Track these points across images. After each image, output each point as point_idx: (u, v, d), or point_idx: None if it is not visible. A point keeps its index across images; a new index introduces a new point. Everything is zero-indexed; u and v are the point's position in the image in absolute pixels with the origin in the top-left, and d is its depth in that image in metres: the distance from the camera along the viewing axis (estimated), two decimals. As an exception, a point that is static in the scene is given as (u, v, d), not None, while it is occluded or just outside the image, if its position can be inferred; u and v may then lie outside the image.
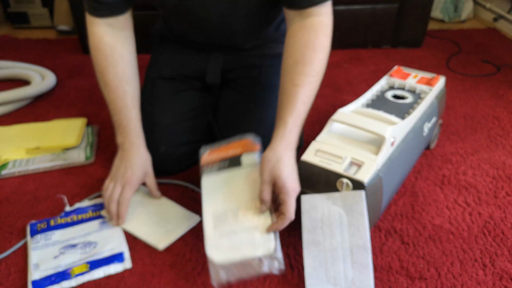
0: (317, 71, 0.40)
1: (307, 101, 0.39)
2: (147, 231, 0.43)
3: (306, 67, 0.39)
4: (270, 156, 0.37)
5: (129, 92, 0.45)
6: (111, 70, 0.44)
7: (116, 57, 0.44)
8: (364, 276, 0.35)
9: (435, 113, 0.52)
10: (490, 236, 0.44)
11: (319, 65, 0.40)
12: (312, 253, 0.36)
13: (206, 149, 0.44)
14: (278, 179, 0.35)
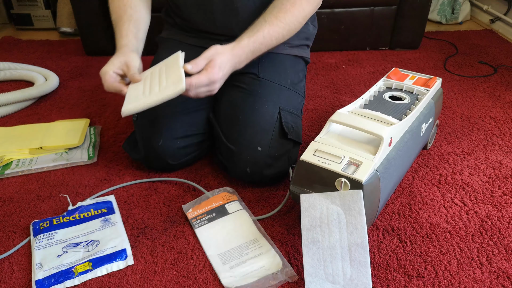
0: (287, 21, 0.45)
1: (267, 38, 0.44)
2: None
3: (280, 13, 0.45)
4: (217, 46, 0.43)
5: (129, 12, 0.47)
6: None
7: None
8: (362, 274, 0.35)
9: (432, 113, 0.53)
10: (487, 235, 0.44)
11: (292, 17, 0.45)
12: (311, 251, 0.37)
13: (188, 207, 0.47)
14: (214, 56, 0.42)
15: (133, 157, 0.56)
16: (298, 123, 0.53)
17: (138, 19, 0.48)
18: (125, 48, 0.45)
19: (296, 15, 0.45)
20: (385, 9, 0.92)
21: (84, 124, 0.66)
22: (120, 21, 0.47)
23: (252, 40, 0.43)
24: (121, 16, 0.47)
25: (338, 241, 0.37)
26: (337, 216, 0.38)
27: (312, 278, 0.36)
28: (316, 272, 0.36)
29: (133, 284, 0.39)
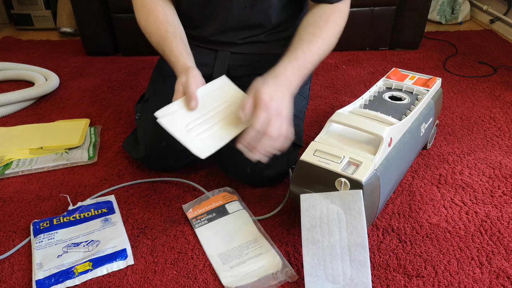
0: (325, 36, 0.43)
1: (309, 54, 0.41)
2: None
3: (316, 29, 0.43)
4: (258, 79, 0.40)
5: (171, 29, 0.46)
6: (153, 18, 0.46)
7: (158, 7, 0.46)
8: (362, 274, 0.36)
9: (431, 114, 0.53)
10: (487, 235, 0.44)
11: (328, 32, 0.43)
12: (311, 251, 0.37)
13: (189, 207, 0.47)
14: (257, 92, 0.37)
15: (133, 157, 0.56)
16: (300, 125, 0.53)
17: (181, 34, 0.46)
18: (186, 67, 0.42)
19: (332, 30, 0.43)
20: (385, 9, 0.92)
21: (84, 124, 0.66)
22: (166, 41, 0.45)
23: (293, 57, 0.40)
24: (164, 35, 0.45)
25: (338, 241, 0.37)
26: (337, 216, 0.38)
27: (312, 278, 0.36)
28: (316, 272, 0.36)
29: (133, 284, 0.39)
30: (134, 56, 0.95)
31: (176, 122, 0.40)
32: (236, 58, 0.55)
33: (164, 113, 0.40)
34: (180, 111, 0.40)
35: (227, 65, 0.55)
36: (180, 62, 0.43)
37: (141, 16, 0.47)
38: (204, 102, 0.42)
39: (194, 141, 0.38)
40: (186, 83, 0.41)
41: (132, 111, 0.72)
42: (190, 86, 0.40)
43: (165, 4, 0.47)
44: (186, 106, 0.40)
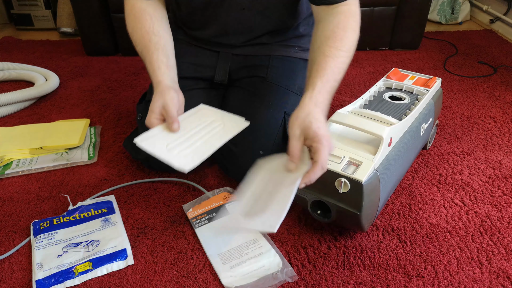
0: (347, 48, 0.41)
1: (336, 72, 0.40)
2: None
3: (336, 42, 0.41)
4: (298, 113, 0.36)
5: (154, 40, 0.45)
6: (139, 26, 0.46)
7: (146, 16, 0.46)
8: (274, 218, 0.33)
9: (431, 114, 0.53)
10: (487, 235, 0.44)
11: (349, 43, 0.41)
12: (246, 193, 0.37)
13: (189, 207, 0.47)
14: (308, 129, 0.35)
15: (133, 156, 0.56)
16: None
17: (165, 46, 0.45)
18: (161, 86, 0.42)
19: (351, 40, 0.41)
20: (385, 9, 0.92)
21: (84, 124, 0.66)
22: (148, 52, 0.45)
23: (325, 79, 0.38)
24: (147, 46, 0.45)
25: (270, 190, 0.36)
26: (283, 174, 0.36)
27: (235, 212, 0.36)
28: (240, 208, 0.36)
29: (133, 284, 0.39)
30: (134, 56, 0.95)
31: (156, 144, 0.39)
32: (238, 60, 0.55)
33: (144, 138, 0.40)
34: (160, 134, 0.40)
35: (229, 67, 0.55)
36: (156, 77, 0.43)
37: (129, 23, 0.47)
38: (184, 125, 0.42)
39: (176, 157, 0.38)
40: (166, 107, 0.41)
41: (132, 111, 0.72)
42: (170, 110, 0.40)
43: (154, 12, 0.47)
44: (168, 129, 0.41)
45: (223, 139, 0.41)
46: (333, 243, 0.43)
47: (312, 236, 0.44)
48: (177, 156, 0.39)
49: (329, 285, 0.39)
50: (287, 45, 0.55)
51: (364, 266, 0.41)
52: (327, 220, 0.42)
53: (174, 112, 0.41)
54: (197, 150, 0.40)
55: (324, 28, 0.42)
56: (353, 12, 0.43)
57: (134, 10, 0.47)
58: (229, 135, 0.41)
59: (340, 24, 0.42)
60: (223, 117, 0.45)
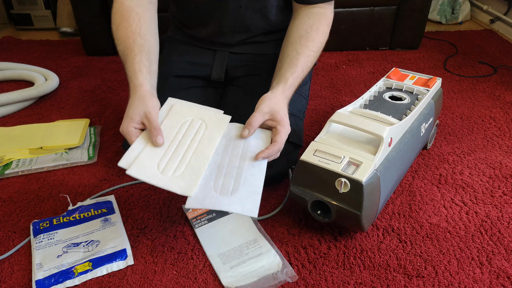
0: (316, 49, 0.46)
1: (305, 69, 0.45)
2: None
3: (309, 42, 0.45)
4: (270, 96, 0.41)
5: (139, 42, 0.42)
6: (125, 25, 0.43)
7: (134, 16, 0.44)
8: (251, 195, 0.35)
9: (432, 113, 0.53)
10: (487, 235, 0.44)
11: (319, 44, 0.46)
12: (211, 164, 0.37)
13: None
14: (277, 113, 0.40)
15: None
16: (300, 125, 0.53)
17: (150, 50, 0.43)
18: (141, 90, 0.39)
19: (321, 41, 0.46)
20: (385, 9, 0.92)
21: (84, 124, 0.66)
22: (130, 53, 0.42)
23: (296, 76, 0.44)
24: (131, 46, 0.42)
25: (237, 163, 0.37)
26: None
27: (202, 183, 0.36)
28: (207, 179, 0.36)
29: (133, 284, 0.39)
30: (134, 56, 0.96)
31: (146, 167, 0.36)
32: (235, 58, 0.55)
33: (129, 160, 0.36)
34: (145, 151, 0.37)
35: (226, 65, 0.55)
36: (137, 80, 0.40)
37: (114, 20, 0.45)
38: (165, 133, 0.38)
39: (174, 181, 0.35)
40: (149, 116, 0.38)
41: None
42: (154, 120, 0.37)
43: (143, 13, 0.44)
44: (150, 142, 0.37)
45: (212, 144, 0.38)
46: (333, 243, 0.43)
47: (312, 236, 0.44)
48: (174, 180, 0.35)
49: (329, 285, 0.39)
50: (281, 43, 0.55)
51: (364, 266, 0.41)
52: (327, 220, 0.42)
53: (157, 122, 0.38)
54: (192, 166, 0.36)
55: (299, 27, 0.46)
56: (327, 16, 0.47)
57: (122, 8, 0.44)
58: (216, 138, 0.39)
59: (313, 26, 0.46)
60: (200, 113, 0.41)
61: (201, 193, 0.35)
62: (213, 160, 0.38)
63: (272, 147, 0.39)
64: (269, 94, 0.41)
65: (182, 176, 0.36)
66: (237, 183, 0.36)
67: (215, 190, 0.36)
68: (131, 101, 0.39)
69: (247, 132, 0.39)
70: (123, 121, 0.38)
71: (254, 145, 0.39)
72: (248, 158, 0.38)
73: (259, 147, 0.39)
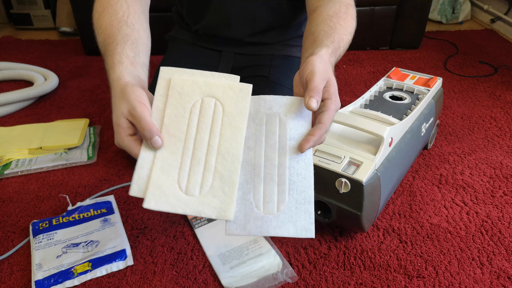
0: (349, 31, 0.37)
1: (341, 46, 0.35)
2: None
3: (341, 20, 0.36)
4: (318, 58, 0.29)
5: (125, 31, 0.33)
6: (109, 11, 0.34)
7: (122, 2, 0.35)
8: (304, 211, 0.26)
9: (432, 113, 0.53)
10: (488, 235, 0.44)
11: (351, 26, 0.38)
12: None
13: None
14: (331, 83, 0.29)
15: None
16: None
17: (137, 41, 0.33)
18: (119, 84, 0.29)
19: (353, 25, 0.38)
20: (386, 8, 0.91)
21: (83, 124, 0.66)
22: (112, 42, 0.32)
23: (334, 45, 0.33)
24: (113, 35, 0.32)
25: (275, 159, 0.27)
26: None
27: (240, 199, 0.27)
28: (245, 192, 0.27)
29: (132, 284, 0.39)
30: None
31: (165, 191, 0.26)
32: (240, 59, 0.54)
33: (140, 184, 0.27)
34: (156, 166, 0.27)
35: (231, 66, 0.55)
36: (112, 75, 0.30)
37: (97, 7, 0.35)
38: (169, 128, 0.28)
39: (204, 202, 0.26)
40: (134, 113, 0.27)
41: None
42: (142, 116, 0.27)
43: (133, 2, 0.36)
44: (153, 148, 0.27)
45: (238, 136, 0.27)
46: (334, 243, 0.43)
47: (312, 236, 0.44)
48: (204, 198, 0.26)
49: (330, 285, 0.39)
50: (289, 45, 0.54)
51: (365, 266, 0.41)
52: (327, 220, 0.42)
53: (148, 118, 0.27)
54: (220, 173, 0.27)
55: (323, 12, 0.37)
56: (351, 3, 0.40)
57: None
58: (241, 124, 0.27)
59: (342, 8, 0.38)
60: (209, 87, 0.28)
61: (241, 212, 0.27)
62: (245, 160, 0.27)
63: (318, 131, 0.27)
64: (315, 57, 0.29)
65: (212, 192, 0.27)
66: (282, 191, 0.27)
67: (257, 206, 0.27)
68: (112, 103, 0.29)
69: (316, 102, 0.27)
70: (114, 133, 0.28)
71: (294, 128, 0.27)
72: (290, 150, 0.27)
73: (301, 129, 0.28)
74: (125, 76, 0.30)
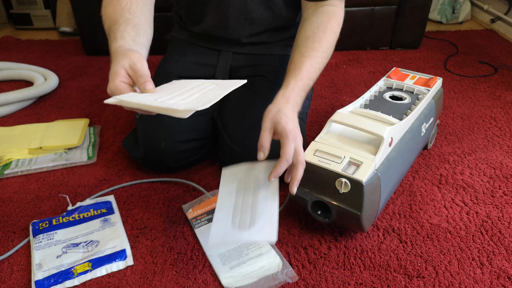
0: (324, 50, 0.43)
1: (312, 71, 0.42)
2: None
3: (314, 43, 0.43)
4: (271, 108, 0.39)
5: (127, 17, 0.38)
6: (114, 2, 0.39)
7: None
8: (268, 224, 0.35)
9: (432, 113, 0.53)
10: (488, 235, 0.44)
11: (327, 44, 0.43)
12: (224, 204, 0.38)
13: (188, 207, 0.47)
14: (277, 124, 0.37)
15: (133, 156, 0.56)
16: (303, 127, 0.53)
17: (138, 25, 0.38)
18: (122, 49, 0.34)
19: (330, 41, 0.43)
20: (386, 8, 0.91)
21: (83, 124, 0.66)
22: (114, 25, 0.37)
23: (299, 78, 0.41)
24: (117, 20, 0.38)
25: (250, 199, 0.37)
26: (254, 181, 0.39)
27: (219, 223, 0.36)
28: (224, 220, 0.36)
29: (132, 284, 0.39)
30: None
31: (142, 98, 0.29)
32: (239, 59, 0.55)
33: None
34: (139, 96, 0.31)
35: (230, 65, 0.55)
36: (117, 43, 0.35)
37: (104, 1, 0.41)
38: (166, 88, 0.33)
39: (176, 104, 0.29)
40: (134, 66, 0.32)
41: (131, 111, 0.72)
42: (140, 68, 0.31)
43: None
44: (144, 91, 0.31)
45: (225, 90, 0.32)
46: (334, 243, 0.43)
47: (312, 236, 0.44)
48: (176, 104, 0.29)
49: (330, 285, 0.39)
50: (288, 44, 0.54)
51: (365, 266, 0.41)
52: (327, 220, 0.42)
53: (146, 69, 0.32)
54: (199, 99, 0.31)
55: (306, 28, 0.44)
56: (337, 15, 0.45)
57: None
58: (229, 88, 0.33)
59: (321, 26, 0.43)
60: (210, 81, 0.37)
61: (220, 230, 0.35)
62: (228, 204, 0.38)
63: (280, 164, 0.36)
64: (270, 106, 0.39)
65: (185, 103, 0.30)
66: (253, 217, 0.36)
67: (233, 226, 0.36)
68: (113, 62, 0.33)
69: (262, 154, 0.37)
70: (109, 81, 0.32)
71: (264, 178, 0.39)
72: (261, 192, 0.38)
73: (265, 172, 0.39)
74: (126, 46, 0.36)
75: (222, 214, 0.37)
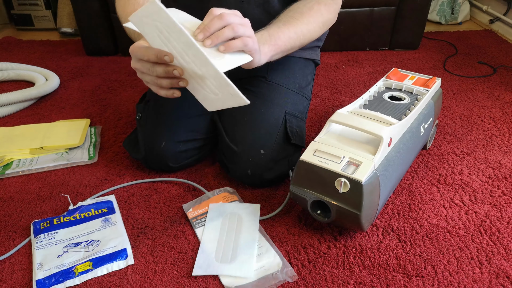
0: (304, 21, 0.42)
1: (284, 29, 0.40)
2: None
3: (296, 13, 0.42)
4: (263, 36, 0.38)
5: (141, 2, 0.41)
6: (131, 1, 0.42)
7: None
8: (246, 262, 0.39)
9: (431, 114, 0.53)
10: (486, 235, 0.45)
11: (310, 19, 0.42)
12: (209, 242, 0.42)
13: (189, 207, 0.48)
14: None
15: (133, 156, 0.56)
16: (302, 126, 0.53)
17: None
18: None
19: (314, 17, 0.42)
20: (385, 9, 0.92)
21: (84, 124, 0.66)
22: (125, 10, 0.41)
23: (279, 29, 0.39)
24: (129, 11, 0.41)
25: (233, 237, 0.42)
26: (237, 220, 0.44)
27: (204, 255, 0.41)
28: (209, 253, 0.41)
29: (133, 283, 0.39)
30: (134, 56, 0.96)
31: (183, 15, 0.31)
32: None
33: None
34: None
35: None
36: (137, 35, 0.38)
37: (118, 1, 0.44)
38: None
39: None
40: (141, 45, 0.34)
41: (132, 111, 0.72)
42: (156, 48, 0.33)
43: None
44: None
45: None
46: (333, 243, 0.43)
47: (312, 236, 0.44)
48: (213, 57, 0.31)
49: (329, 284, 0.39)
50: None
51: (364, 266, 0.41)
52: (327, 220, 0.42)
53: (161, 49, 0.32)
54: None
55: (293, 8, 0.43)
56: (328, 3, 0.44)
57: None
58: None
59: (308, 4, 0.43)
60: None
61: (205, 262, 0.40)
62: (213, 238, 0.43)
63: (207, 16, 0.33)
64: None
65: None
66: (234, 254, 0.41)
67: (216, 259, 0.40)
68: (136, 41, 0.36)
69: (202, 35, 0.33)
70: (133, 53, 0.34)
71: (246, 220, 0.44)
72: (242, 232, 0.43)
73: (250, 220, 0.44)
74: None
75: (207, 247, 0.41)
